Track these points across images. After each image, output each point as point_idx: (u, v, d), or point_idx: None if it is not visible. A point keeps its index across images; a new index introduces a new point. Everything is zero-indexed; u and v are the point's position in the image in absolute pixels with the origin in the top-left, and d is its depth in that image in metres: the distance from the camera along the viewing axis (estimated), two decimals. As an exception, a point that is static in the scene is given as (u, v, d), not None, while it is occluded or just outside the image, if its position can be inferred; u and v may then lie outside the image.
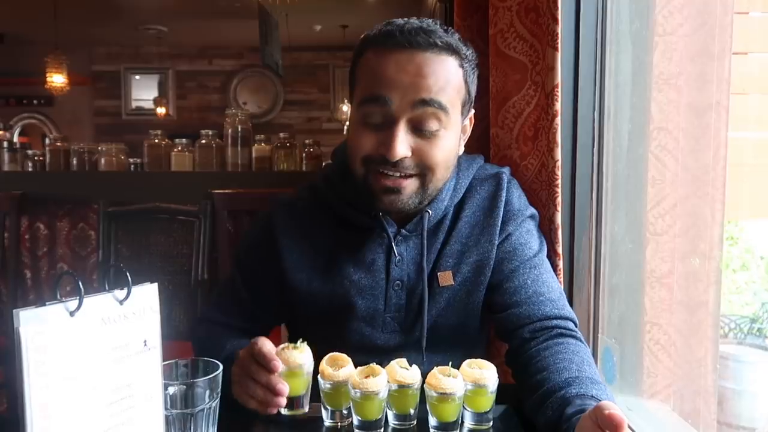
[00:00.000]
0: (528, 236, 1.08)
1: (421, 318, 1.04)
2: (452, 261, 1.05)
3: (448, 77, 0.95)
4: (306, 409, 0.90)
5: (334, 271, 1.06)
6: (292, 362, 0.86)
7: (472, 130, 1.13)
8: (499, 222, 1.05)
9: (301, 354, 0.87)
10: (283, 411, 0.89)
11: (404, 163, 0.95)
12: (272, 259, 1.08)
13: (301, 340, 0.90)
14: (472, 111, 1.07)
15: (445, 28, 0.98)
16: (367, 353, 1.03)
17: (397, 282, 1.05)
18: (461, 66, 0.97)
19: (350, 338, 1.06)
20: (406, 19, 0.97)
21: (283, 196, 1.14)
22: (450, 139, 0.98)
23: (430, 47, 0.93)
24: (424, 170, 0.97)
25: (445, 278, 1.05)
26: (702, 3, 1.17)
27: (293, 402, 0.88)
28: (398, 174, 0.96)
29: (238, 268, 1.14)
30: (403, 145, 0.93)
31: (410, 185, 0.97)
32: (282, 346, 0.88)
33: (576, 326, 1.02)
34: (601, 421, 0.67)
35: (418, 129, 0.95)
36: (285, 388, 0.84)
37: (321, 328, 1.08)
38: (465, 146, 1.11)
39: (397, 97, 0.93)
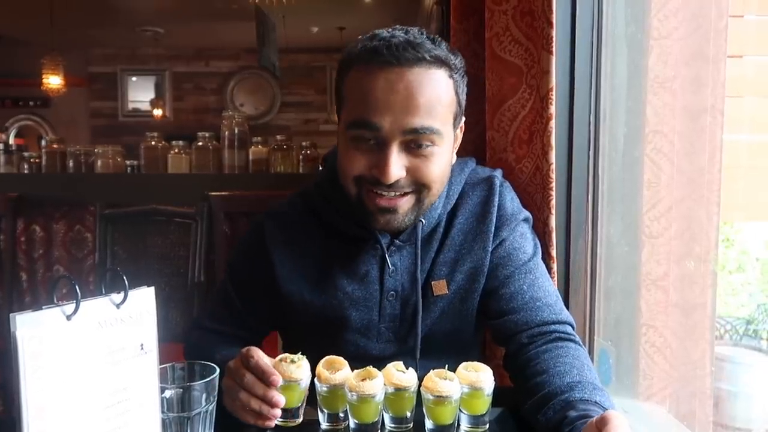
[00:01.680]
0: (522, 240, 1.07)
1: (415, 327, 1.04)
2: (446, 269, 1.04)
3: (440, 94, 0.92)
4: (300, 419, 0.89)
5: (327, 282, 1.04)
6: (288, 376, 0.85)
7: (469, 133, 1.13)
8: (493, 228, 1.04)
9: (298, 369, 0.86)
10: (277, 420, 0.87)
11: (399, 183, 0.93)
12: (264, 269, 1.06)
13: (300, 353, 0.88)
14: (463, 119, 1.04)
15: (432, 37, 0.94)
16: (361, 362, 1.00)
17: (392, 293, 1.04)
18: (451, 77, 0.94)
19: (344, 348, 1.04)
20: (390, 31, 0.93)
21: (274, 205, 1.12)
22: (444, 155, 0.96)
23: (418, 62, 0.90)
24: (419, 188, 0.95)
25: (440, 287, 1.04)
26: (697, 7, 1.18)
27: (287, 413, 0.87)
28: (393, 193, 0.94)
29: (230, 277, 1.13)
30: (396, 166, 0.91)
31: (406, 203, 0.95)
32: (279, 357, 0.87)
33: (573, 329, 1.02)
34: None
35: (411, 148, 0.92)
36: (282, 400, 0.83)
37: (315, 338, 1.07)
38: (461, 150, 1.10)
39: (387, 122, 0.89)
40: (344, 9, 5.20)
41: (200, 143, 2.67)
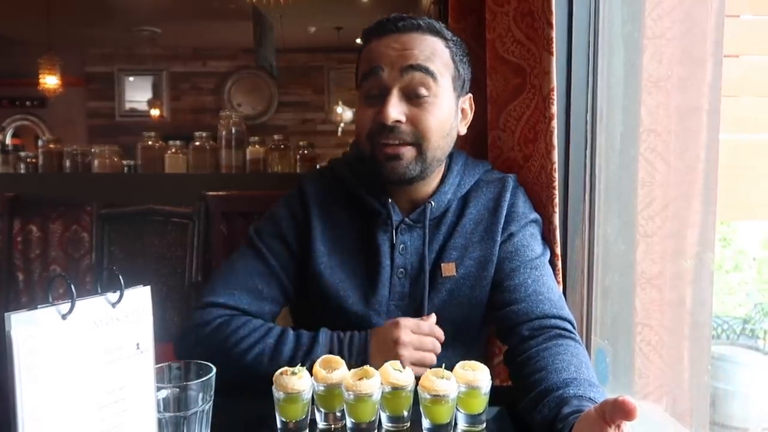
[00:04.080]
0: (531, 239, 1.11)
1: (422, 305, 1.07)
2: (456, 254, 1.09)
3: (434, 51, 1.03)
4: None
5: (348, 252, 1.10)
6: (290, 388, 0.84)
7: (467, 132, 1.14)
8: (502, 221, 1.09)
9: (300, 380, 0.85)
10: None
11: (400, 128, 1.02)
12: (303, 224, 1.11)
13: (300, 364, 0.88)
14: (469, 95, 1.12)
15: (432, 18, 1.06)
16: None
17: (401, 270, 1.08)
18: (447, 46, 1.05)
19: (355, 324, 1.06)
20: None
21: (310, 173, 1.23)
22: (442, 107, 1.04)
23: (415, 29, 1.03)
24: (419, 138, 1.02)
25: (449, 269, 1.08)
26: (690, 6, 1.18)
27: (292, 427, 0.86)
28: (396, 141, 1.02)
29: (264, 240, 1.10)
30: (395, 109, 1.00)
31: (408, 152, 1.03)
32: (280, 371, 0.86)
33: (574, 328, 1.03)
34: (613, 408, 0.66)
35: (409, 96, 1.02)
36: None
37: (327, 311, 1.09)
38: (466, 152, 1.14)
39: (388, 66, 1.02)
40: (341, 9, 5.19)
41: (197, 143, 2.67)
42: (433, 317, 1.04)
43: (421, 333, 1.00)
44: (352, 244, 1.10)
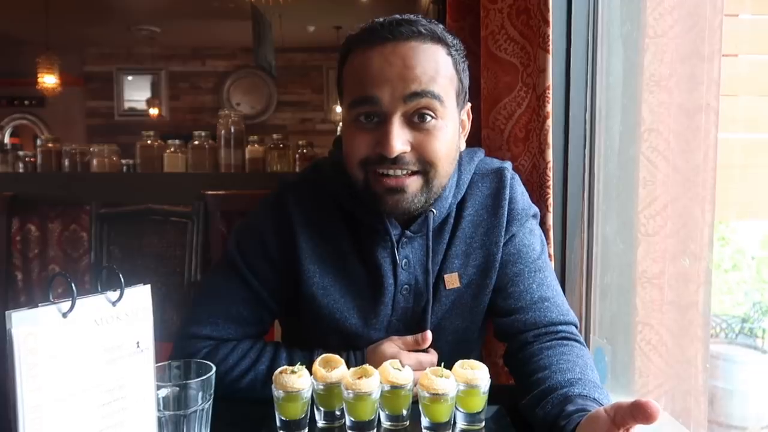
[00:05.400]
0: (531, 237, 1.06)
1: (425, 320, 1.02)
2: (458, 262, 1.02)
3: (438, 66, 0.91)
4: (305, 431, 0.88)
5: (342, 269, 1.01)
6: (290, 387, 0.84)
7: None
8: (504, 222, 1.02)
9: (300, 379, 0.85)
10: None
11: (404, 159, 0.90)
12: (290, 243, 1.00)
13: (299, 363, 0.88)
14: (468, 104, 1.03)
15: (429, 19, 0.94)
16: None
17: (406, 286, 1.01)
18: (449, 54, 0.93)
19: (352, 340, 1.02)
20: (388, 16, 0.94)
21: (288, 179, 1.07)
22: (449, 130, 0.93)
23: (414, 36, 0.90)
24: (426, 166, 0.92)
25: (452, 281, 1.02)
26: (692, 5, 1.18)
27: (292, 425, 0.86)
28: (400, 172, 0.91)
29: (248, 262, 1.02)
30: (399, 139, 0.89)
31: (413, 183, 0.92)
32: (279, 369, 0.86)
33: (577, 329, 1.02)
34: (631, 410, 0.65)
35: (413, 122, 0.91)
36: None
37: (321, 329, 1.04)
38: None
39: (387, 93, 0.89)
40: (340, 8, 5.19)
41: (196, 142, 2.67)
42: (429, 336, 0.99)
43: (417, 350, 0.99)
44: (345, 259, 1.01)
